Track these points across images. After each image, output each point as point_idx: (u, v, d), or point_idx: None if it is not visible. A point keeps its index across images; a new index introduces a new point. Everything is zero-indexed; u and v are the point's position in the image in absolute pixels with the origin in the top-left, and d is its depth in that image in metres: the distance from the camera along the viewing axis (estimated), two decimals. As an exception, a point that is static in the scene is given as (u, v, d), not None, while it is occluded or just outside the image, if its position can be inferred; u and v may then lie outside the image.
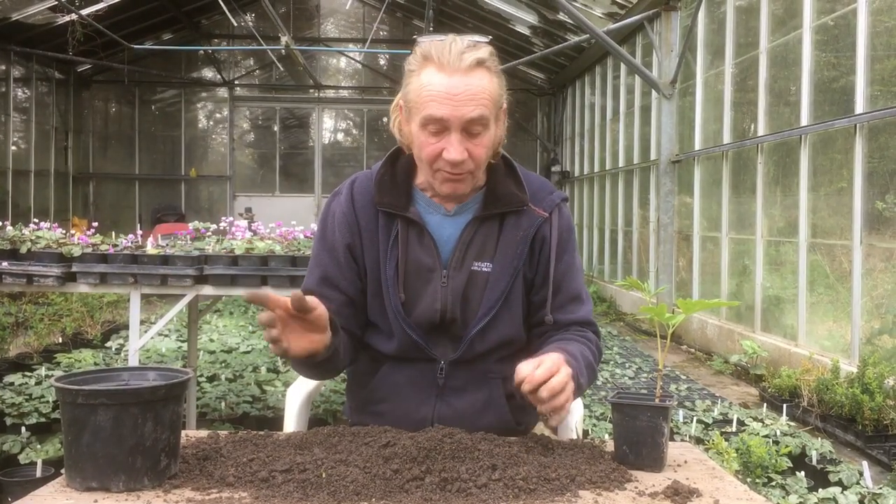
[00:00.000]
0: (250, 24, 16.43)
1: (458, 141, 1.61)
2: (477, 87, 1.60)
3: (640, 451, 1.44)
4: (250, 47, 16.40)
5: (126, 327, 7.44)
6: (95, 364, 6.44)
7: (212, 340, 7.74)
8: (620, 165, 12.11)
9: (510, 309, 1.75)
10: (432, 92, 1.59)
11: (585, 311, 1.83)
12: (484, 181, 1.77)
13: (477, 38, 1.67)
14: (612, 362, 7.35)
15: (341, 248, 1.76)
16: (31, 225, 4.08)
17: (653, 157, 10.39)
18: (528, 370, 1.50)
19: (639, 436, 1.44)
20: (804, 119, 6.70)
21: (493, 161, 1.75)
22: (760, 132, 7.57)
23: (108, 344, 7.69)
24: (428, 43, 1.64)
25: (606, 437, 4.02)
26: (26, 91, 14.33)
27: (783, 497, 3.63)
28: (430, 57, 1.62)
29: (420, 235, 1.74)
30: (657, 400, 1.47)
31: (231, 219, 4.55)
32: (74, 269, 3.80)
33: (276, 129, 17.77)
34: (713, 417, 5.16)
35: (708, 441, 4.13)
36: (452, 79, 1.59)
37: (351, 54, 17.32)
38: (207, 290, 3.94)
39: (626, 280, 1.63)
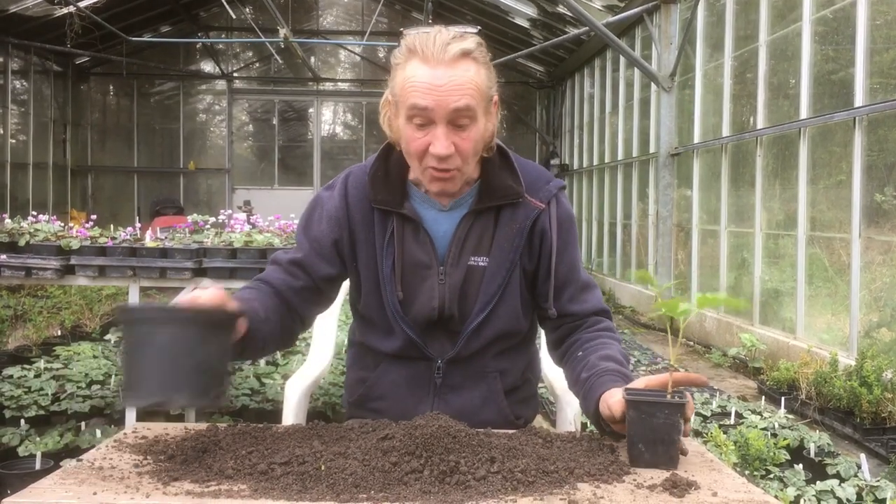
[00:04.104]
0: (249, 16, 16.38)
1: (443, 134, 1.57)
2: (462, 77, 1.57)
3: (657, 449, 1.39)
4: (249, 39, 16.36)
5: (125, 320, 7.43)
6: (94, 357, 6.43)
7: (211, 333, 7.73)
8: (619, 158, 12.10)
9: (507, 302, 1.73)
10: (416, 83, 1.56)
11: (597, 297, 1.83)
12: (478, 174, 1.74)
13: (466, 28, 1.64)
14: (610, 355, 7.35)
15: (327, 241, 1.75)
16: (30, 218, 4.08)
17: (652, 150, 10.38)
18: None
19: (656, 434, 1.39)
20: (803, 112, 6.69)
21: (486, 155, 1.72)
22: (759, 125, 7.56)
23: (108, 337, 7.68)
24: (413, 35, 1.61)
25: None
26: (24, 83, 14.29)
27: (781, 489, 3.64)
28: (415, 49, 1.59)
29: (416, 232, 1.72)
30: (669, 396, 1.42)
31: (230, 212, 4.55)
32: (73, 261, 3.79)
33: (274, 121, 17.74)
34: (711, 410, 5.16)
35: (706, 434, 4.14)
36: (437, 70, 1.56)
37: (350, 47, 17.28)
38: (206, 283, 3.93)
39: (637, 273, 1.62)
